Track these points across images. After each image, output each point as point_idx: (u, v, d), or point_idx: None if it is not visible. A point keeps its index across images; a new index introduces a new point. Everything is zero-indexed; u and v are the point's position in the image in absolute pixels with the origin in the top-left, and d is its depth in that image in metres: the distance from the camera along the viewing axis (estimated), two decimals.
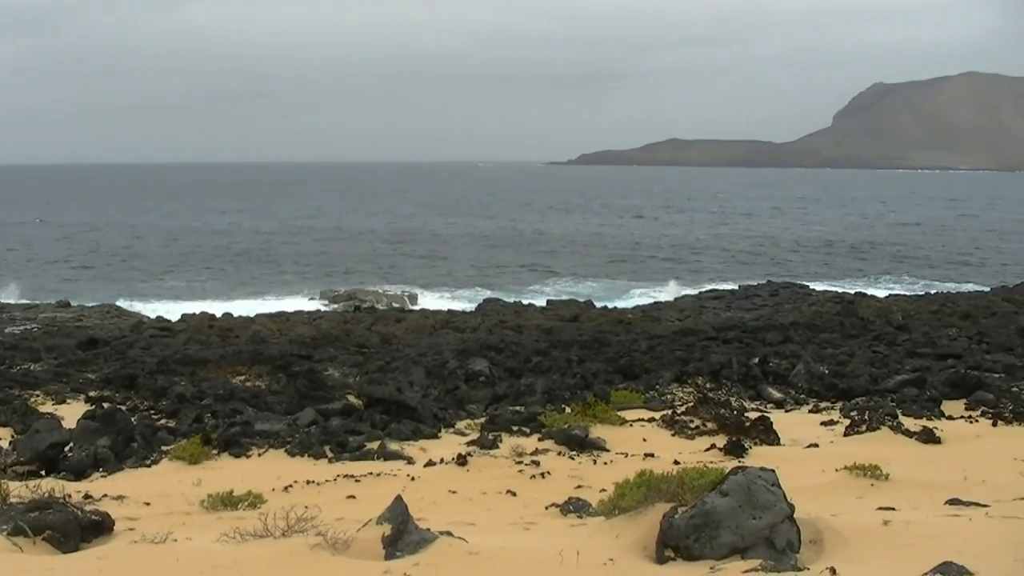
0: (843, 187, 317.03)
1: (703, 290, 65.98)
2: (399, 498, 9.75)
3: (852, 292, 59.30)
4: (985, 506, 12.07)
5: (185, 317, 49.65)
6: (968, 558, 8.48)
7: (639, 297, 67.51)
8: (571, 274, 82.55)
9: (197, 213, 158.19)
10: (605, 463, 17.05)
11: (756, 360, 27.93)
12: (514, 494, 14.90)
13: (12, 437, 19.77)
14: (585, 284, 76.29)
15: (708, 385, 26.04)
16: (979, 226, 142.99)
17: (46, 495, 10.73)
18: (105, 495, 14.65)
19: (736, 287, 65.48)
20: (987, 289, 61.28)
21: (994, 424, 20.39)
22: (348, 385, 25.44)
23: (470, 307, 57.34)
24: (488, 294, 65.62)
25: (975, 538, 9.82)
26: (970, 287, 68.96)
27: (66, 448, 17.90)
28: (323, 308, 59.33)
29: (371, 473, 16.20)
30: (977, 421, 20.94)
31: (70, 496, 11.43)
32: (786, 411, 23.89)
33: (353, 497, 14.64)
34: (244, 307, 58.81)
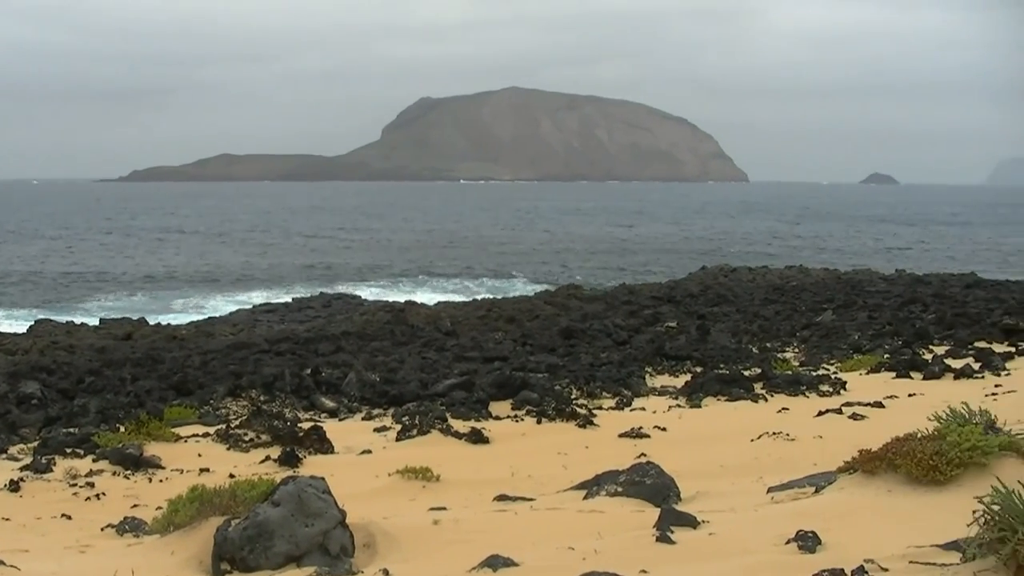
0: (389, 198, 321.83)
1: (257, 304, 65.79)
2: None
3: (403, 301, 60.24)
4: (531, 500, 12.66)
5: None
6: (514, 550, 8.91)
7: (193, 312, 66.70)
8: (123, 290, 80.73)
9: None
10: (161, 481, 16.87)
11: (309, 371, 28.10)
12: (69, 517, 14.56)
13: None
14: (136, 299, 74.80)
15: (262, 398, 26.00)
16: (522, 233, 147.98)
17: None
18: None
19: (290, 300, 65.61)
20: (531, 293, 63.44)
21: (539, 422, 21.25)
22: None
23: (21, 328, 55.13)
24: (40, 315, 63.29)
25: (521, 530, 10.28)
26: (516, 291, 71.37)
27: None
28: None
29: None
30: (523, 420, 21.77)
31: None
32: (340, 420, 24.15)
33: None
34: None
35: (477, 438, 19.34)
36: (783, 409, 22.47)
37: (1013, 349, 32.22)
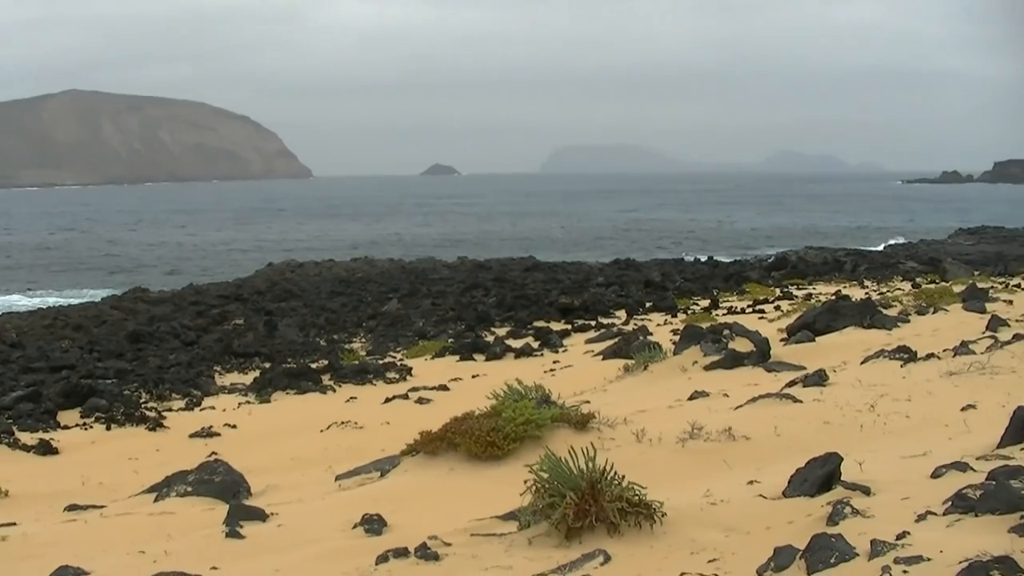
0: None
1: None
2: None
3: None
4: (101, 507, 12.55)
5: None
6: (84, 559, 8.92)
7: None
8: None
9: None
10: None
11: None
12: None
13: None
14: None
15: None
16: (81, 238, 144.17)
17: None
18: None
19: None
20: (98, 299, 61.93)
21: (108, 428, 20.97)
22: None
23: None
24: None
25: (91, 539, 10.25)
26: (82, 298, 69.43)
27: None
28: None
29: None
30: (92, 427, 21.42)
31: None
32: None
33: None
34: None
35: (46, 449, 18.94)
36: (351, 399, 22.99)
37: (569, 326, 33.88)
